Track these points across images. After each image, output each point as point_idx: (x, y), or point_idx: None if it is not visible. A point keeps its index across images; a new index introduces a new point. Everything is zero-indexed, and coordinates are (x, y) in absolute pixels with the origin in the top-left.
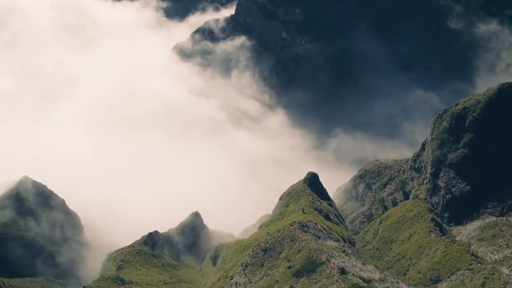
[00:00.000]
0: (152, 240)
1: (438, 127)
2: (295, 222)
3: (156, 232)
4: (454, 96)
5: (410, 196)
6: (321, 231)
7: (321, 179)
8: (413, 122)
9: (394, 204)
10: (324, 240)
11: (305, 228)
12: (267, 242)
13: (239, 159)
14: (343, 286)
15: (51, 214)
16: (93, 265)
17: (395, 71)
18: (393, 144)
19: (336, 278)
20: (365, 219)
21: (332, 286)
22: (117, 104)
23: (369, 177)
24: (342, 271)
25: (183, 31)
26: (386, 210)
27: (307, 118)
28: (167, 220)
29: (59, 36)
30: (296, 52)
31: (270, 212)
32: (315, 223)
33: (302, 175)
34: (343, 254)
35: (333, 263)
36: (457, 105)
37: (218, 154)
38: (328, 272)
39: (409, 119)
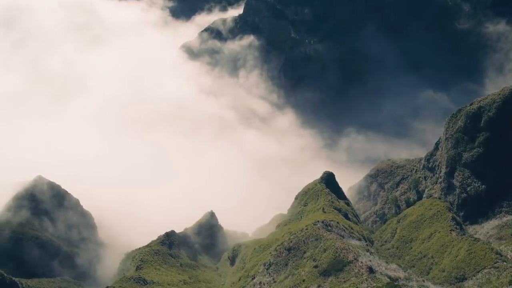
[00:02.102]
0: (169, 240)
1: (452, 127)
2: (318, 221)
3: (173, 232)
4: (464, 96)
5: (424, 196)
6: (344, 230)
7: None
8: (423, 122)
9: (408, 203)
10: (347, 239)
11: (329, 227)
12: (291, 242)
13: (249, 159)
14: (374, 285)
15: (66, 214)
16: (109, 265)
17: (403, 71)
18: (403, 143)
19: (365, 277)
20: (378, 219)
21: (362, 285)
22: (128, 103)
23: (382, 177)
24: (371, 270)
25: (189, 30)
26: (399, 209)
27: (316, 118)
28: (179, 219)
29: (67, 35)
30: (305, 51)
31: (283, 212)
32: (338, 222)
33: (312, 175)
34: (368, 253)
35: (361, 262)
36: (471, 104)
37: (228, 153)
38: (356, 271)
39: (419, 119)
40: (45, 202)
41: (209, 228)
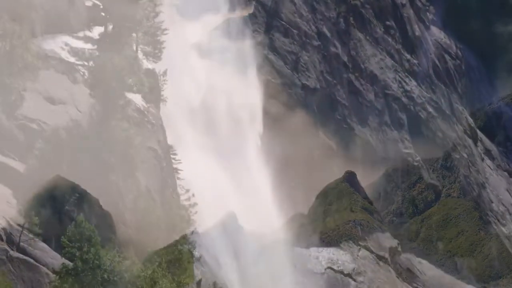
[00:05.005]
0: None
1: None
2: (350, 220)
3: (195, 231)
4: (475, 96)
5: (442, 195)
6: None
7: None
8: (437, 121)
9: (425, 202)
10: None
11: (361, 226)
12: (323, 241)
13: (263, 159)
14: None
15: (87, 214)
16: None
17: None
18: (419, 143)
19: (405, 276)
20: (394, 218)
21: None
22: None
23: (398, 176)
24: None
25: (198, 29)
26: (417, 208)
27: (328, 117)
28: (196, 219)
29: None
30: None
31: (298, 211)
32: (368, 222)
33: (327, 174)
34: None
35: None
36: (491, 104)
37: (242, 153)
38: None
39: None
40: (65, 202)
41: (230, 229)
